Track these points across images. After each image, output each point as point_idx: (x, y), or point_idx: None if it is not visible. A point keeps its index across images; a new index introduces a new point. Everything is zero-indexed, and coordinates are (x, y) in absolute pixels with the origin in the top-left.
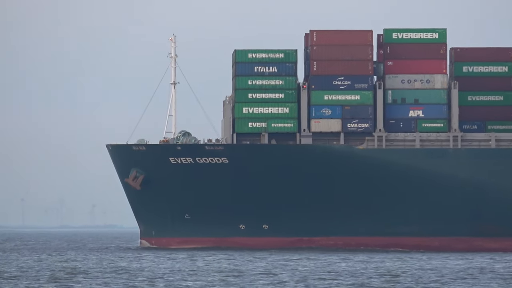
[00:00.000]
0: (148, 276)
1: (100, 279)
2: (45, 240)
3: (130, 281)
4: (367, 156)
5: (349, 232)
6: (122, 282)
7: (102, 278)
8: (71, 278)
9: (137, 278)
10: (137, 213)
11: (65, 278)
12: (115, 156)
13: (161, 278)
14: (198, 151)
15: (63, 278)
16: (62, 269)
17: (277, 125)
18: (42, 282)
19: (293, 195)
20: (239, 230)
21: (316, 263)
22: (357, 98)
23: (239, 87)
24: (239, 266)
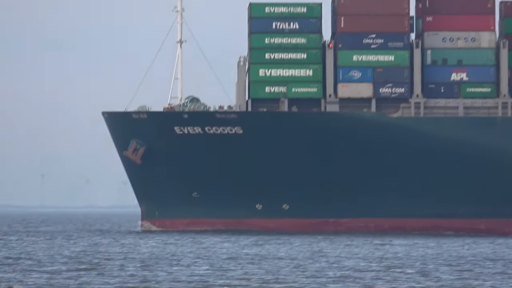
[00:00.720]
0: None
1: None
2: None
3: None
4: (402, 126)
5: (382, 213)
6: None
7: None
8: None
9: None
10: (138, 191)
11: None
12: (112, 126)
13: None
14: (208, 119)
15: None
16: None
17: (299, 89)
18: None
19: (317, 170)
20: (255, 211)
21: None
22: (391, 59)
23: (255, 46)
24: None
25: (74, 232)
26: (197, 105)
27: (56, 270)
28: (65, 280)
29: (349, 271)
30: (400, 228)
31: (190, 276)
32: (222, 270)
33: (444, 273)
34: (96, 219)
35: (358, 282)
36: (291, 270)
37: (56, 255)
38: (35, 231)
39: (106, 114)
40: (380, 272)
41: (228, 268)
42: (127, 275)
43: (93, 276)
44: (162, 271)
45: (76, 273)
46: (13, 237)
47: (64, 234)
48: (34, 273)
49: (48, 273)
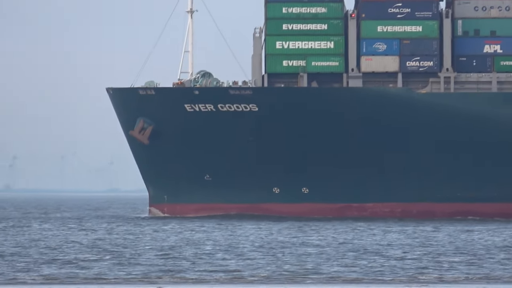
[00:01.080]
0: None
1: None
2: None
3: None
4: (430, 102)
5: (409, 198)
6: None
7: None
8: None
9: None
10: (145, 174)
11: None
12: (117, 103)
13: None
14: (221, 96)
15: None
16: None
17: (319, 63)
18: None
19: (339, 150)
20: (272, 195)
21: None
22: (418, 30)
23: (271, 16)
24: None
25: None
26: (209, 81)
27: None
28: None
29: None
30: (429, 213)
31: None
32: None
33: None
34: (112, 204)
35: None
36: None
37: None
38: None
39: (111, 91)
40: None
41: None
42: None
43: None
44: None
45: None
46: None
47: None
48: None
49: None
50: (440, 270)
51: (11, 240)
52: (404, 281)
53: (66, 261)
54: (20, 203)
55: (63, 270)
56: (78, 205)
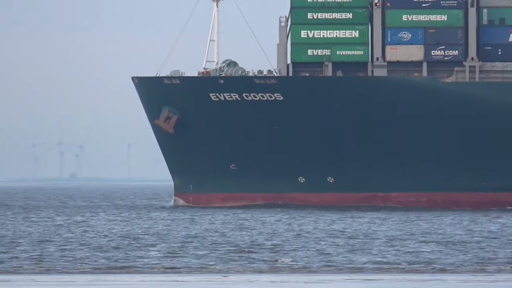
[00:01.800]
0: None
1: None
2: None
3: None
4: (456, 91)
5: (435, 187)
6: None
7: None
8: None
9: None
10: (171, 163)
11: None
12: (142, 92)
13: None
14: (246, 85)
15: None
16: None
17: (344, 52)
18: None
19: (364, 140)
20: (298, 184)
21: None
22: (443, 19)
23: (296, 5)
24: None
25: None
26: (235, 70)
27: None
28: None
29: None
30: (455, 203)
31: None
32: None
33: None
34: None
35: None
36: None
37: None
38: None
39: (136, 79)
40: None
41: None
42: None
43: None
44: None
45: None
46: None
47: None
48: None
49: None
50: None
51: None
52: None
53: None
54: (85, 193)
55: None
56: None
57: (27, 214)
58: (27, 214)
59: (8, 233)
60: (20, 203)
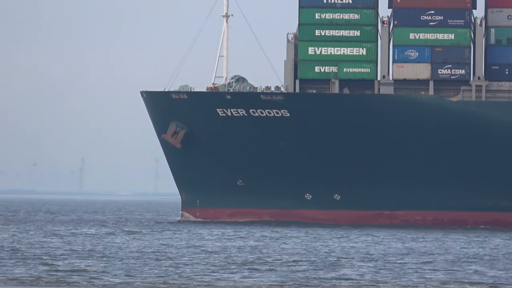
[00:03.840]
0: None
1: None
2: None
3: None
4: (462, 110)
5: (441, 206)
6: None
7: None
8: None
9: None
10: (178, 178)
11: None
12: (151, 106)
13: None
14: (252, 101)
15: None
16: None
17: (351, 70)
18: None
19: (371, 157)
20: (304, 201)
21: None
22: (451, 38)
23: (304, 21)
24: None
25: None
26: (243, 86)
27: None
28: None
29: None
30: (461, 222)
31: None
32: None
33: None
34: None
35: None
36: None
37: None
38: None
39: (145, 94)
40: None
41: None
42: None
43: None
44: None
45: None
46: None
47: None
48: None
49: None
50: None
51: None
52: None
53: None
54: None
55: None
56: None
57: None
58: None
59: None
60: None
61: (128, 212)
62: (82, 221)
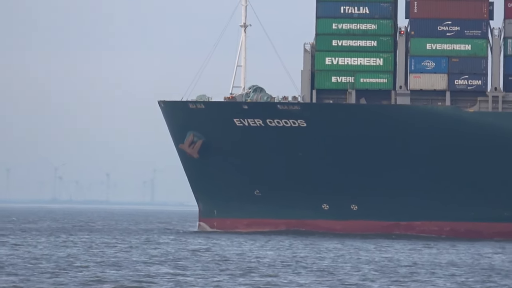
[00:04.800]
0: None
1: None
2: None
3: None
4: (479, 121)
5: (458, 217)
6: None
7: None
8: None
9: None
10: (195, 188)
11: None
12: (168, 116)
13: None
14: (269, 111)
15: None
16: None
17: (368, 80)
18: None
19: (388, 168)
20: (321, 211)
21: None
22: (467, 48)
23: (321, 32)
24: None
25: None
26: (260, 95)
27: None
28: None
29: None
30: (477, 233)
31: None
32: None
33: None
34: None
35: None
36: None
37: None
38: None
39: (162, 103)
40: None
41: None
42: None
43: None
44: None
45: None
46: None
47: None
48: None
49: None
50: None
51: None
52: None
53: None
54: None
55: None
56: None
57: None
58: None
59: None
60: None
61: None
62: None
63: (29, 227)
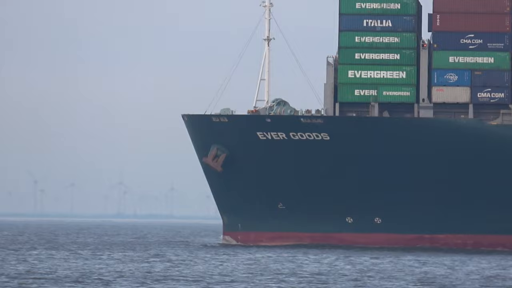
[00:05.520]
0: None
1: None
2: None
3: None
4: (502, 134)
5: (481, 229)
6: None
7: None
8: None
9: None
10: (219, 202)
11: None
12: (192, 130)
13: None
14: (292, 124)
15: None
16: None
17: (391, 93)
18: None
19: (411, 181)
20: (345, 224)
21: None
22: (490, 61)
23: (344, 45)
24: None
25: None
26: (284, 109)
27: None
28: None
29: None
30: (501, 245)
31: None
32: None
33: None
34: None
35: None
36: None
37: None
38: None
39: (186, 117)
40: None
41: None
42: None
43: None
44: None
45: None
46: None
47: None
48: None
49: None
50: None
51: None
52: None
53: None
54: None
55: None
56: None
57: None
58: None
59: None
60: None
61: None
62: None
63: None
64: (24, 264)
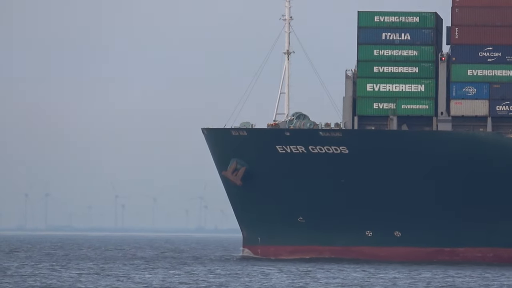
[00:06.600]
0: None
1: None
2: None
3: None
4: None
5: (502, 243)
6: None
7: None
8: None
9: None
10: (239, 215)
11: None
12: (211, 143)
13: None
14: (311, 137)
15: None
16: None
17: (409, 106)
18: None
19: (431, 194)
20: (365, 238)
21: None
22: (509, 74)
23: (362, 58)
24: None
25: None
26: (303, 122)
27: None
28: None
29: None
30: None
31: None
32: None
33: None
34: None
35: None
36: None
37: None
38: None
39: (206, 131)
40: None
41: None
42: None
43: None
44: None
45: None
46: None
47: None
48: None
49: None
50: None
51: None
52: None
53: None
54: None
55: None
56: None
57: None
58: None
59: None
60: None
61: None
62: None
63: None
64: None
